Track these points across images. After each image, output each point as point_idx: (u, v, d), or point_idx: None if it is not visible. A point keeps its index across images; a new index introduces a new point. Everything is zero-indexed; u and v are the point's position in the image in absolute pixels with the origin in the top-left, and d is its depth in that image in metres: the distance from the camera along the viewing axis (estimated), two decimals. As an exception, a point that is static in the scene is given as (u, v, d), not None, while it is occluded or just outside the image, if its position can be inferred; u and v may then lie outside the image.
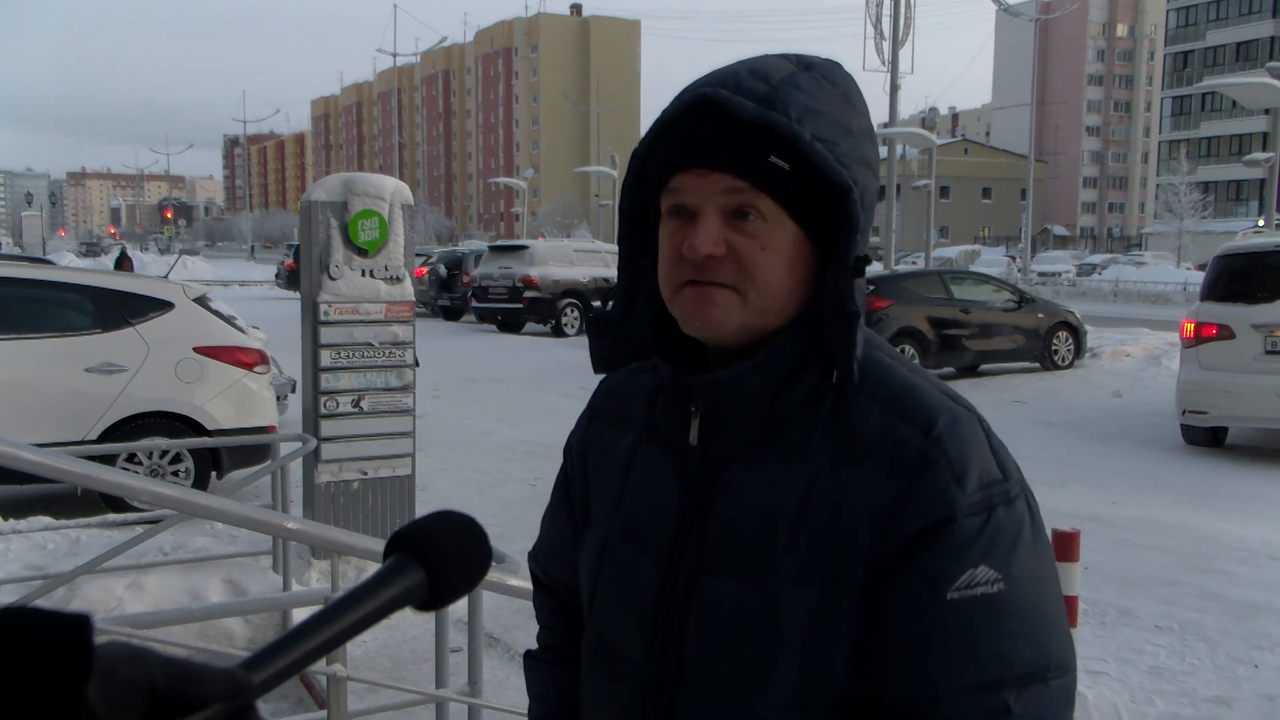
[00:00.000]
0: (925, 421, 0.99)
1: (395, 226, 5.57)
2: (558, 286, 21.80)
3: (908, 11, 25.45)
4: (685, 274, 1.01)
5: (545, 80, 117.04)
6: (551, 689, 1.28)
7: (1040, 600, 0.97)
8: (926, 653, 0.94)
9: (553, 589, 1.32)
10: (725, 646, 1.01)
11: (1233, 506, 7.79)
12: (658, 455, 1.12)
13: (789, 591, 0.98)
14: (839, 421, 1.02)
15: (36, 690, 0.50)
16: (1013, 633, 0.94)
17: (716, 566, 1.03)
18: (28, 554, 5.72)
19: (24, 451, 2.55)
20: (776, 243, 1.00)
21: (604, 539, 1.15)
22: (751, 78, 0.99)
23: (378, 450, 5.66)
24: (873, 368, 1.03)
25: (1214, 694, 4.40)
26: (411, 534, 0.73)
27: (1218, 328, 9.43)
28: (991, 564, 0.95)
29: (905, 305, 13.73)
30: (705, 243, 0.98)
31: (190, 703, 0.56)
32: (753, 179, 0.98)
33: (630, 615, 1.09)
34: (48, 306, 7.13)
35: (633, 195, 1.10)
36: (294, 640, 0.65)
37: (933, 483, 0.96)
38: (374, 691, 3.94)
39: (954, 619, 0.94)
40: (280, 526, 3.01)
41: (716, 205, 0.99)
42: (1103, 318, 22.29)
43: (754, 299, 1.00)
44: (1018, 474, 1.01)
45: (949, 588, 0.94)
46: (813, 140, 0.97)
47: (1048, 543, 1.02)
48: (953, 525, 0.95)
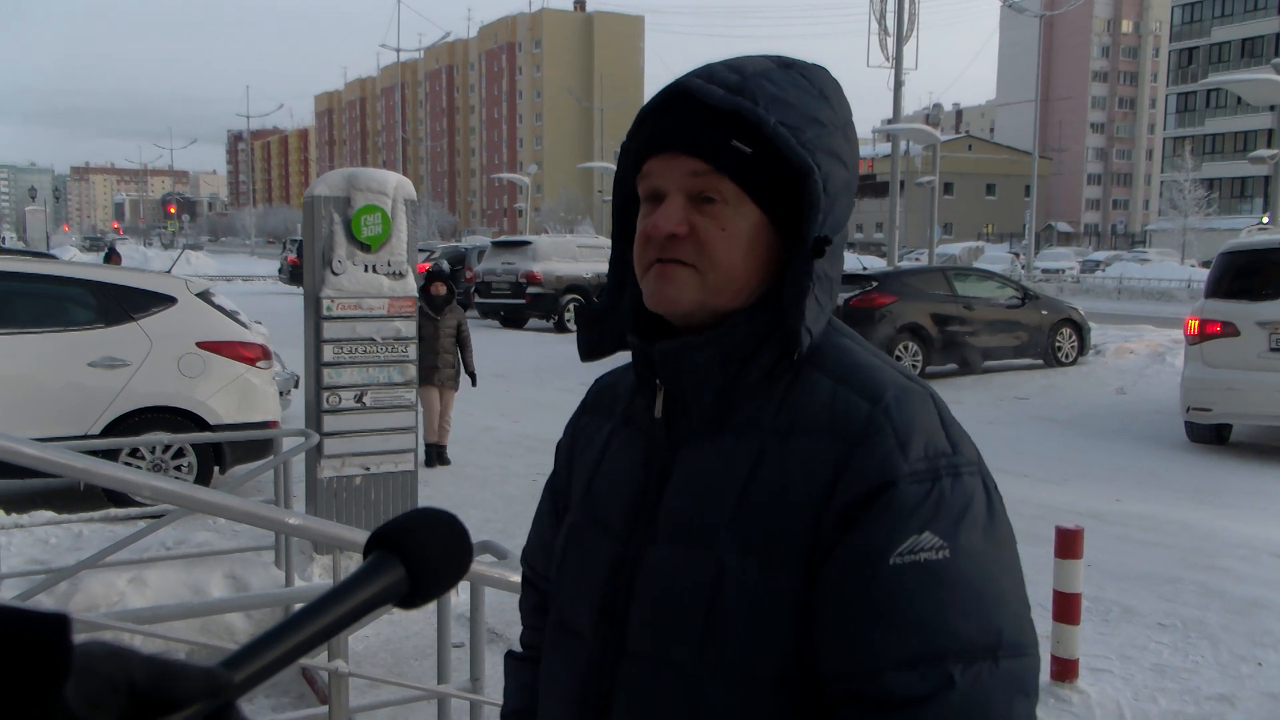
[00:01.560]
0: (874, 393, 1.00)
1: (398, 222, 5.57)
2: (560, 282, 21.78)
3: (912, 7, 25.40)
4: (652, 253, 1.04)
5: (549, 76, 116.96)
6: (528, 686, 1.28)
7: (991, 577, 0.94)
8: (866, 622, 0.93)
9: (539, 586, 1.32)
10: (668, 617, 1.01)
11: (1236, 504, 7.78)
12: (629, 439, 1.14)
13: (733, 562, 0.98)
14: (792, 396, 1.03)
15: (13, 689, 0.50)
16: (958, 606, 0.91)
17: (664, 538, 1.04)
18: (30, 548, 5.73)
19: (26, 446, 2.55)
20: (737, 225, 1.03)
21: (572, 523, 1.17)
22: (726, 70, 1.04)
23: (380, 445, 5.67)
24: (832, 348, 1.06)
25: (1217, 691, 4.40)
26: (391, 531, 0.73)
27: (1222, 325, 9.41)
28: (936, 531, 0.93)
29: (908, 302, 13.71)
30: (667, 222, 1.02)
31: (170, 702, 0.56)
32: (715, 162, 1.01)
33: (585, 593, 1.10)
34: (50, 301, 7.14)
35: (621, 189, 1.14)
36: (275, 638, 0.65)
37: (875, 448, 0.96)
38: (375, 687, 3.94)
39: (896, 585, 0.92)
40: (282, 522, 3.00)
41: (681, 187, 1.03)
42: (1106, 314, 22.26)
43: (711, 278, 1.03)
44: (974, 454, 1.00)
45: (892, 553, 0.92)
46: (776, 124, 0.99)
47: (1008, 530, 1.00)
48: (894, 490, 0.94)
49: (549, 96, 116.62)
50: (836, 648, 0.95)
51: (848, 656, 0.94)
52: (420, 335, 7.51)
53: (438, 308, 8.71)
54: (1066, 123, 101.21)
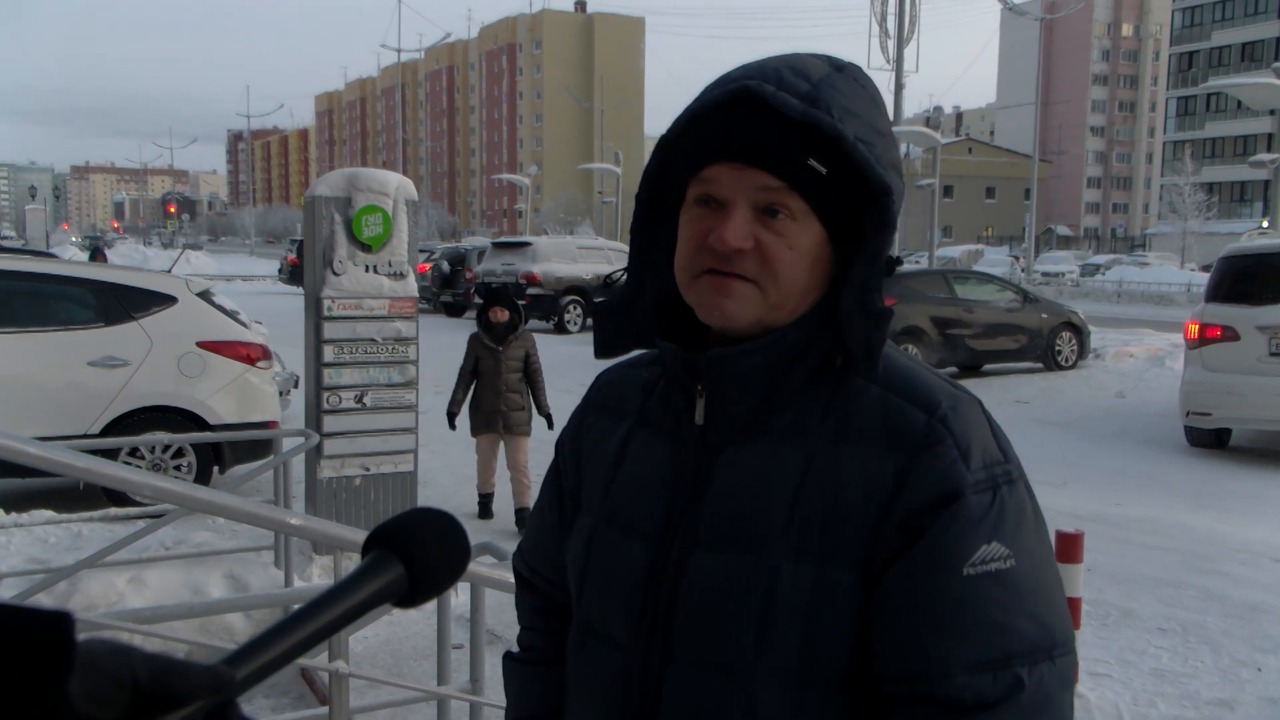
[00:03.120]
0: (928, 402, 1.00)
1: (399, 222, 5.57)
2: (560, 283, 21.77)
3: (912, 10, 25.42)
4: (706, 262, 1.01)
5: (549, 77, 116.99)
6: (531, 689, 1.27)
7: (1045, 580, 0.98)
8: (938, 628, 0.94)
9: (537, 587, 1.31)
10: (718, 622, 1.01)
11: (1235, 508, 7.78)
12: (650, 441, 1.13)
13: (787, 567, 0.98)
14: (838, 403, 1.03)
15: (17, 686, 0.50)
16: (1022, 610, 0.95)
17: (710, 543, 1.03)
18: (29, 548, 5.72)
19: (26, 445, 2.54)
20: (802, 242, 1.01)
21: (593, 526, 1.15)
22: (792, 75, 0.99)
23: (380, 446, 5.66)
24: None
25: (1216, 696, 4.39)
26: (390, 530, 0.73)
27: (1222, 329, 9.41)
28: (1002, 540, 0.96)
29: (908, 304, 13.70)
30: (735, 237, 0.99)
31: (173, 698, 0.56)
32: (789, 179, 0.99)
33: (618, 598, 1.09)
34: (50, 300, 7.13)
35: (652, 183, 1.10)
36: (276, 636, 0.65)
37: (938, 459, 0.97)
38: (375, 688, 3.94)
39: (968, 594, 0.94)
40: (282, 522, 3.00)
41: (749, 200, 1.00)
42: (1106, 318, 22.27)
43: (773, 295, 1.01)
44: (1017, 460, 1.03)
45: (964, 564, 0.95)
46: (855, 141, 0.97)
47: (1046, 528, 1.03)
48: (961, 502, 0.96)
49: (549, 97, 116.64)
50: (904, 652, 0.96)
51: (917, 660, 0.95)
52: (477, 371, 6.90)
53: (499, 336, 6.85)
54: (1066, 126, 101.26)
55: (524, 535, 1.33)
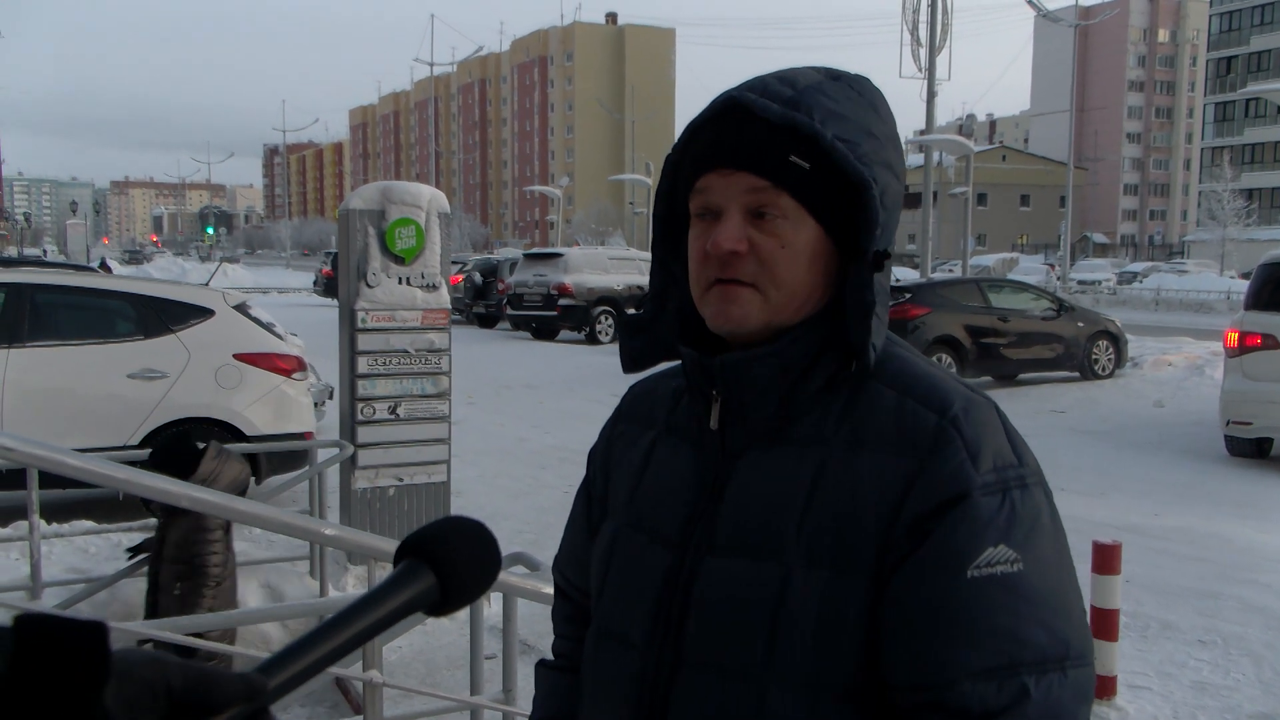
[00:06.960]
0: (941, 404, 1.00)
1: (432, 234, 5.61)
2: (592, 294, 21.83)
3: (945, 18, 25.29)
4: (712, 272, 1.04)
5: (580, 89, 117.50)
6: (556, 693, 1.28)
7: (1059, 588, 0.96)
8: (943, 633, 0.93)
9: (570, 595, 1.32)
10: (729, 628, 1.01)
11: (1277, 518, 7.64)
12: (675, 448, 1.14)
13: (799, 574, 0.98)
14: (854, 408, 1.03)
15: (55, 695, 0.51)
16: (1031, 617, 0.93)
17: (723, 548, 1.04)
18: (70, 557, 5.80)
19: (67, 457, 2.59)
20: (797, 240, 1.03)
21: (616, 530, 1.16)
22: (779, 83, 1.04)
23: (414, 457, 5.70)
24: (891, 360, 1.06)
25: (1259, 710, 4.32)
26: (421, 539, 0.74)
27: (1262, 337, 9.27)
28: (1010, 544, 0.94)
29: (942, 313, 13.61)
30: (728, 239, 1.02)
31: (207, 707, 0.57)
32: (774, 178, 1.01)
33: (636, 601, 1.09)
34: (91, 313, 7.24)
35: (666, 201, 1.13)
36: (309, 645, 0.66)
37: (947, 460, 0.97)
38: (409, 697, 3.95)
39: (973, 597, 0.93)
40: (317, 532, 3.03)
41: (740, 204, 1.03)
42: (1144, 326, 22.00)
43: (774, 296, 1.03)
44: (1035, 465, 1.02)
45: (969, 566, 0.93)
46: (833, 139, 1.00)
47: (1065, 538, 1.02)
48: (969, 502, 0.95)
49: (580, 109, 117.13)
50: (911, 658, 0.95)
51: (923, 667, 0.94)
52: None
53: None
54: (1102, 132, 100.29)
55: (560, 545, 1.34)
